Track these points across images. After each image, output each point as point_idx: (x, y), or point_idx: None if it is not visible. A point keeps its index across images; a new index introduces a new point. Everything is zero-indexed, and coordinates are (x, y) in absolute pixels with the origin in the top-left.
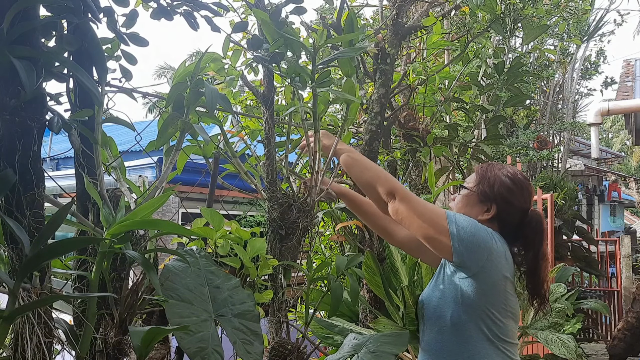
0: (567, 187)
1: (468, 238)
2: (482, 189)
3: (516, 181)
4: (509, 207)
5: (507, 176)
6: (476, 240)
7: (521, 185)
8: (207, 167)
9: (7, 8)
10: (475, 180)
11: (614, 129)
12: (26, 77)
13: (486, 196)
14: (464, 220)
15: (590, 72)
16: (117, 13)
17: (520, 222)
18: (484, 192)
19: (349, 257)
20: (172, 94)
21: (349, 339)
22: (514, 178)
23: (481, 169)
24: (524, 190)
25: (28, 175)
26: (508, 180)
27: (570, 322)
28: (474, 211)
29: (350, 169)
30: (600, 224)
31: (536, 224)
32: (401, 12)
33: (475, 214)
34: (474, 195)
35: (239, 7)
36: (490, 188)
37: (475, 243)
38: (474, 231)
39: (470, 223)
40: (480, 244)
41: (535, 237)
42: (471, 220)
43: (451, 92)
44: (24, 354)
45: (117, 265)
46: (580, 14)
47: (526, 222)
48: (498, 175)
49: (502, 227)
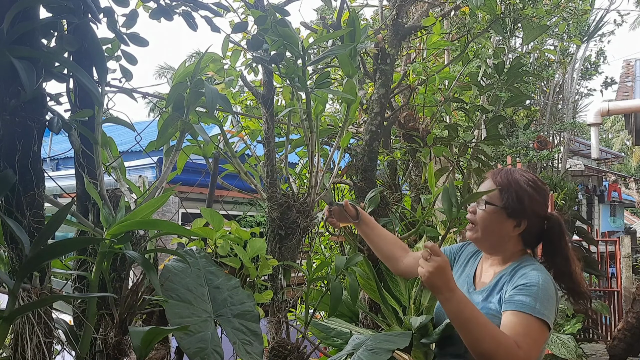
0: (567, 187)
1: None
2: (512, 205)
3: (539, 190)
4: (537, 219)
5: (530, 186)
6: (552, 301)
7: (544, 194)
8: (207, 167)
9: (7, 8)
10: (498, 193)
11: (614, 129)
12: (26, 77)
13: (516, 212)
14: (544, 297)
15: (590, 72)
16: (117, 13)
17: (542, 228)
18: (514, 208)
19: (348, 256)
20: (172, 94)
21: (352, 339)
22: (536, 187)
23: (501, 178)
24: (546, 198)
25: (28, 175)
26: (534, 191)
27: (570, 322)
28: (504, 228)
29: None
30: (600, 224)
31: (559, 227)
32: (401, 12)
33: (506, 231)
34: (501, 211)
35: (238, 7)
36: (520, 203)
37: (552, 303)
38: (546, 294)
39: (546, 294)
40: (554, 299)
41: (561, 240)
42: (544, 285)
43: (451, 92)
44: (24, 354)
45: (117, 266)
46: (580, 14)
47: (549, 227)
48: (523, 187)
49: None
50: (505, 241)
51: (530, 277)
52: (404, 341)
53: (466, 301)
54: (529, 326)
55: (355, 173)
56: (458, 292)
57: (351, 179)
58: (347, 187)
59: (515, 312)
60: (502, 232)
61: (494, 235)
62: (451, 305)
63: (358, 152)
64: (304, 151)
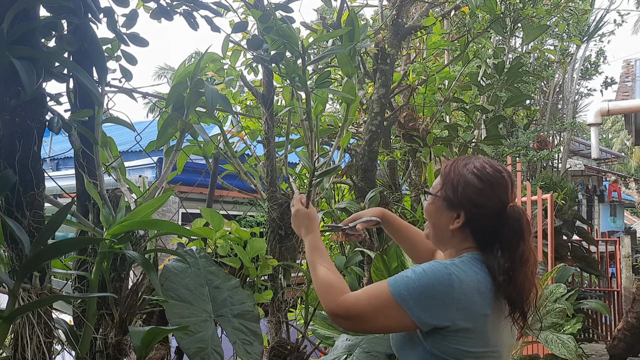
0: (567, 187)
1: (425, 301)
2: (446, 194)
3: (484, 178)
4: (479, 210)
5: (472, 173)
6: (433, 299)
7: (490, 182)
8: (207, 167)
9: (8, 8)
10: (440, 182)
11: (614, 129)
12: (26, 77)
13: (451, 202)
14: (411, 286)
15: (590, 72)
16: (117, 13)
17: (497, 223)
18: (448, 198)
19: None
20: (172, 94)
21: (340, 340)
22: (482, 175)
23: (445, 168)
24: (494, 186)
25: (28, 175)
26: (474, 178)
27: (570, 322)
28: (443, 220)
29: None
30: (600, 224)
31: (514, 222)
32: (401, 12)
33: (446, 223)
34: (439, 200)
35: (238, 7)
36: (454, 192)
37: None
38: (426, 291)
39: (418, 285)
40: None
41: (513, 238)
42: (418, 278)
43: (451, 92)
44: (24, 354)
45: (117, 266)
46: (580, 14)
47: (503, 222)
48: (463, 174)
49: (475, 233)
50: (449, 236)
51: (428, 265)
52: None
53: (317, 246)
54: (377, 288)
55: (355, 173)
56: (311, 236)
57: (351, 179)
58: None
59: (382, 281)
60: (442, 224)
61: (438, 229)
62: (306, 246)
63: (358, 152)
64: (303, 151)
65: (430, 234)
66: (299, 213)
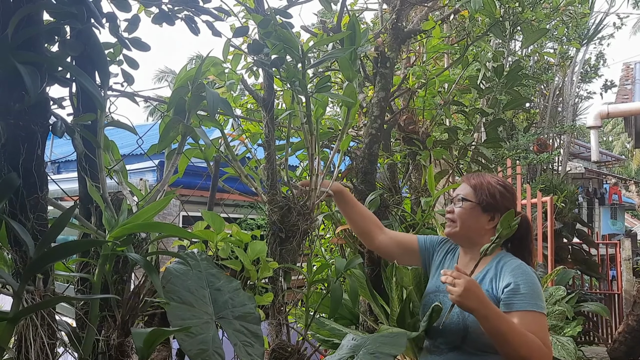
0: (567, 189)
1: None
2: (485, 200)
3: (508, 189)
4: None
5: (499, 184)
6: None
7: (512, 192)
8: (208, 170)
9: (12, 14)
10: (472, 191)
11: (614, 131)
12: (30, 82)
13: (490, 206)
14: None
15: (589, 75)
16: (119, 18)
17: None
18: (488, 203)
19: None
20: (173, 98)
21: (347, 339)
22: (505, 185)
23: (473, 180)
24: (514, 195)
25: (32, 178)
26: (503, 188)
27: (570, 324)
28: (480, 222)
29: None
30: (601, 226)
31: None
32: (401, 16)
33: (482, 224)
34: (477, 206)
35: (239, 11)
36: (493, 198)
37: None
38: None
39: (538, 287)
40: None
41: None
42: (529, 278)
43: (451, 95)
44: (28, 356)
45: (119, 268)
46: (579, 18)
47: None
48: (493, 184)
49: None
50: (482, 235)
51: (521, 273)
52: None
53: (500, 315)
54: (539, 322)
55: (355, 176)
56: (492, 308)
57: (351, 181)
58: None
59: (526, 313)
60: (478, 225)
61: (471, 229)
62: (489, 322)
63: (358, 155)
64: (304, 154)
65: (457, 233)
66: (471, 285)
